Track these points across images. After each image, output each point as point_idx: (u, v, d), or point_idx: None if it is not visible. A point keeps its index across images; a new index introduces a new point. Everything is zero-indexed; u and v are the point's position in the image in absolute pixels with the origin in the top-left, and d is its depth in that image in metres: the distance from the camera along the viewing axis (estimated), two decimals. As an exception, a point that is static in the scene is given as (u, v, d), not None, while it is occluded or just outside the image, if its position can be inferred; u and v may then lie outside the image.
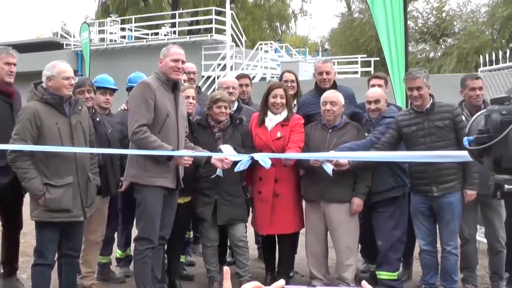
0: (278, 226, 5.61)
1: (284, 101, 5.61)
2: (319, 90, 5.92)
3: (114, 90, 6.01)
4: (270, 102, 5.61)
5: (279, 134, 5.53)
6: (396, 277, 5.60)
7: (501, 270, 5.64)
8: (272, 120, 5.61)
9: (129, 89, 6.13)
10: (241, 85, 6.45)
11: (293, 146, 5.40)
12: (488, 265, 5.80)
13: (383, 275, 5.59)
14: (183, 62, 4.93)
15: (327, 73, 6.01)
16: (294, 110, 5.99)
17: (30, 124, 4.53)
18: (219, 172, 5.27)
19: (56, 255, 4.94)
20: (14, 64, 5.22)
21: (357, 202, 5.35)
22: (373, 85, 6.16)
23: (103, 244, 5.84)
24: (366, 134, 5.57)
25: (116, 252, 6.31)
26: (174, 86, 4.97)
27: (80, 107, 4.84)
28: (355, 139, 5.38)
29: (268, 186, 5.54)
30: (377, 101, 5.50)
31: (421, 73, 5.30)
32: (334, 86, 6.02)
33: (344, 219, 5.40)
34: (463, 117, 5.14)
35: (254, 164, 5.41)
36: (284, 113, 5.62)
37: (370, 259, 6.13)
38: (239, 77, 6.80)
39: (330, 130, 5.46)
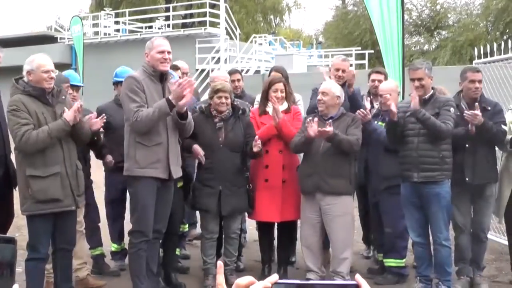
0: (287, 212, 5.70)
1: (284, 94, 5.75)
2: None
3: (79, 87, 6.02)
4: (271, 96, 5.69)
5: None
6: (403, 264, 5.84)
7: (481, 260, 5.78)
8: None
9: (115, 83, 6.17)
10: (233, 81, 6.63)
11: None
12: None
13: (391, 262, 5.80)
14: (168, 52, 4.91)
15: (343, 71, 6.23)
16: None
17: (22, 111, 4.49)
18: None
19: (51, 250, 4.90)
20: None
21: (328, 129, 5.15)
22: (373, 80, 6.27)
23: (90, 235, 5.85)
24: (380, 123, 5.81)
25: (111, 245, 6.32)
26: (161, 77, 4.97)
27: (63, 97, 4.80)
28: (346, 127, 5.41)
29: (277, 173, 5.64)
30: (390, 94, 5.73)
31: (423, 64, 5.39)
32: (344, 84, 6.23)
33: (339, 213, 5.40)
34: (452, 109, 5.20)
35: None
36: (285, 105, 5.77)
37: (377, 248, 6.24)
38: (230, 73, 6.94)
39: (327, 122, 5.47)
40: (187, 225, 6.66)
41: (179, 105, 4.75)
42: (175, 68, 6.07)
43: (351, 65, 21.41)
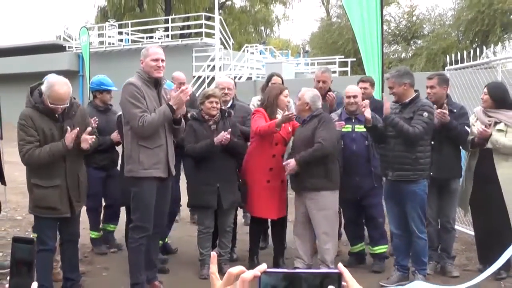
0: (282, 209, 5.84)
1: None
2: None
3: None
4: (283, 102, 5.73)
5: (290, 129, 5.79)
6: (387, 249, 5.96)
7: (450, 248, 5.86)
8: None
9: (95, 91, 6.52)
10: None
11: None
12: (440, 243, 5.88)
13: (380, 249, 5.89)
14: (162, 60, 4.89)
15: (324, 82, 6.32)
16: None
17: (30, 127, 4.47)
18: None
19: (59, 241, 4.91)
20: None
21: (292, 163, 5.36)
22: (361, 88, 6.23)
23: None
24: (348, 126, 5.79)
25: (91, 233, 6.49)
26: (156, 83, 4.94)
27: (74, 112, 4.70)
28: (314, 129, 5.38)
29: (278, 175, 5.71)
30: (355, 96, 5.84)
31: (392, 73, 5.43)
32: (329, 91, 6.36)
33: (320, 206, 5.43)
34: (425, 114, 5.17)
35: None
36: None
37: (351, 240, 6.18)
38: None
39: (302, 126, 5.59)
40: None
41: (175, 112, 4.78)
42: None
43: (334, 72, 21.58)
